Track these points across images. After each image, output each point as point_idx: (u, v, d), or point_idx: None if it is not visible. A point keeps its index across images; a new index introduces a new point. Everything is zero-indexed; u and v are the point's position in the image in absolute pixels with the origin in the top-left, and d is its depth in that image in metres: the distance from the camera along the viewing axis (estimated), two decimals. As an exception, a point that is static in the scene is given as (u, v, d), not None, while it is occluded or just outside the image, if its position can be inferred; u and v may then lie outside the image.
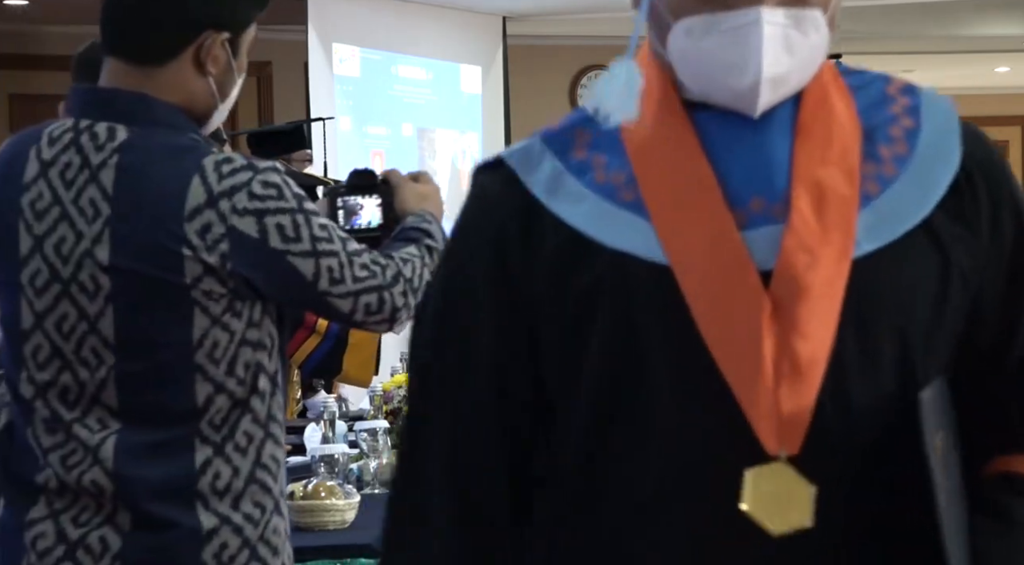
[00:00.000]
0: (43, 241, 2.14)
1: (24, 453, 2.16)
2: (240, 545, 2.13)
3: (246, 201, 2.12)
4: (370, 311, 2.25)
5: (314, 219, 2.19)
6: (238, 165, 2.14)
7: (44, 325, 2.14)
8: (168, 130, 2.17)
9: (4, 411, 2.24)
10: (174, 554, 2.10)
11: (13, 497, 2.18)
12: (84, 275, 2.12)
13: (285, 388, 2.26)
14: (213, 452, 2.12)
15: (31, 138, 2.21)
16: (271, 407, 2.19)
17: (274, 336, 2.21)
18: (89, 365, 2.13)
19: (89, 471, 2.11)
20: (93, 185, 2.12)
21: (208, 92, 2.24)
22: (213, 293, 2.11)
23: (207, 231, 2.09)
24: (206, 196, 2.10)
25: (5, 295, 2.19)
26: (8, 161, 2.21)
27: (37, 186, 2.15)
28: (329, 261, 2.19)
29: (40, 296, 2.14)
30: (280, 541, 2.21)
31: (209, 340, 2.12)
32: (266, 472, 2.18)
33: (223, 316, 2.13)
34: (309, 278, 2.17)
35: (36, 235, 2.14)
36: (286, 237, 2.14)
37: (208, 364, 2.12)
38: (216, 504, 2.11)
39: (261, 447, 2.17)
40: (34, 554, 2.14)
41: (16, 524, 2.16)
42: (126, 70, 2.20)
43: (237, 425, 2.15)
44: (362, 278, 2.23)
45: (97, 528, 2.12)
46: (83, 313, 2.12)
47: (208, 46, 2.21)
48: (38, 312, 2.14)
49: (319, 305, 2.23)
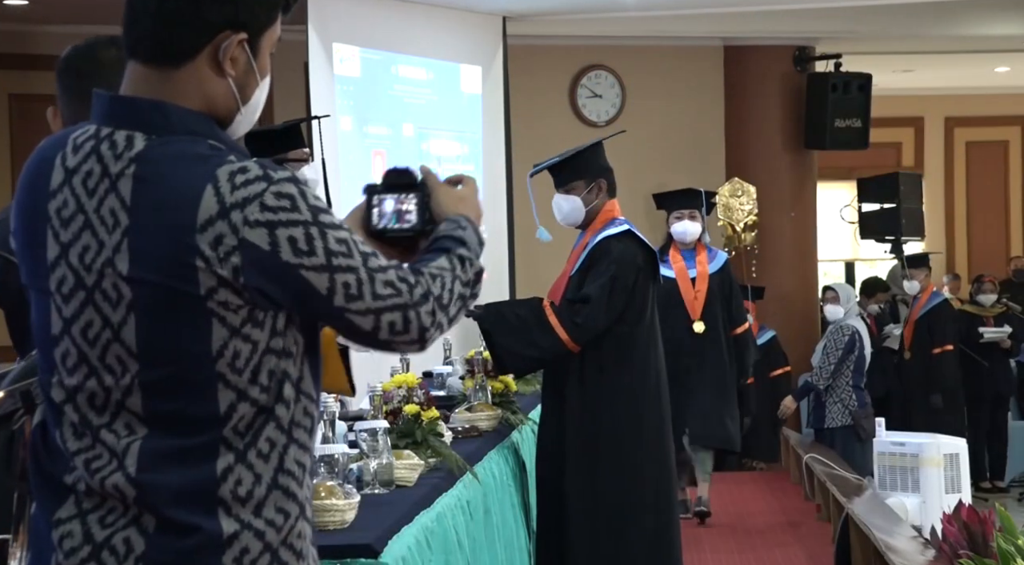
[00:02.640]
0: (68, 249, 2.14)
1: (55, 453, 2.17)
2: (262, 549, 2.12)
3: (258, 213, 2.09)
4: (395, 330, 2.20)
5: (331, 232, 2.14)
6: (252, 176, 2.11)
7: (71, 331, 2.15)
8: (186, 138, 2.15)
9: (39, 409, 2.25)
10: (196, 558, 2.10)
11: (45, 496, 2.18)
12: (107, 284, 2.12)
13: (317, 393, 2.25)
14: (235, 459, 2.12)
15: (58, 144, 2.20)
16: (295, 413, 2.18)
17: (300, 343, 2.19)
18: (114, 372, 2.13)
19: (112, 476, 2.11)
20: (113, 195, 2.12)
21: (228, 94, 2.21)
22: (230, 304, 2.10)
23: (219, 243, 2.08)
24: (218, 207, 2.08)
25: (36, 300, 2.20)
26: (36, 167, 2.21)
27: (62, 193, 2.16)
28: (346, 277, 2.15)
29: (67, 302, 2.14)
30: (305, 545, 2.21)
31: (230, 350, 2.11)
32: (290, 478, 2.17)
33: (243, 327, 2.12)
34: (323, 293, 2.13)
35: (62, 242, 2.15)
36: (298, 250, 2.11)
37: (230, 373, 2.11)
38: (238, 510, 2.11)
39: (284, 453, 2.16)
40: (61, 553, 2.14)
41: (46, 523, 2.17)
42: (145, 74, 2.19)
43: (261, 432, 2.14)
44: (384, 295, 2.18)
45: (123, 529, 2.11)
46: (107, 321, 2.12)
47: (226, 47, 2.19)
48: (66, 318, 2.15)
49: (339, 321, 2.18)
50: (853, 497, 7.78)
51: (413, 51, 10.19)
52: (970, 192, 17.64)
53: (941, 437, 9.05)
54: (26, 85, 10.62)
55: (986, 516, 5.35)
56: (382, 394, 4.58)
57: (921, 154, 17.55)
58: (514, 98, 11.37)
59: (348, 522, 3.58)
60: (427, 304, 2.22)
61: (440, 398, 5.87)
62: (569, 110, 12.78)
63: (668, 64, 12.79)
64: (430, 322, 2.23)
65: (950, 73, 15.92)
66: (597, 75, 12.82)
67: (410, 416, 4.67)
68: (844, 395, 9.93)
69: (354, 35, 9.62)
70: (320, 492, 3.55)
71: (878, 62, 13.86)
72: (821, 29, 12.70)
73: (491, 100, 10.99)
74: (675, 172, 12.19)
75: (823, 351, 10.02)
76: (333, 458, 3.65)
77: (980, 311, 12.39)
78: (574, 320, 5.90)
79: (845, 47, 13.17)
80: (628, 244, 6.05)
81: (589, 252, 6.07)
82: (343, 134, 9.37)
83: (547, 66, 12.55)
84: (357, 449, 4.19)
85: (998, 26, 12.88)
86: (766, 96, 12.78)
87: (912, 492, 8.35)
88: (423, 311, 2.21)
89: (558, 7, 11.34)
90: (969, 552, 5.25)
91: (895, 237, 13.63)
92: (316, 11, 9.21)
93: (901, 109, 16.58)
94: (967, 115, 17.47)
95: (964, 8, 11.86)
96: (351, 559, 3.40)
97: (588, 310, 5.91)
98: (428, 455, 4.58)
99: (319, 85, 9.22)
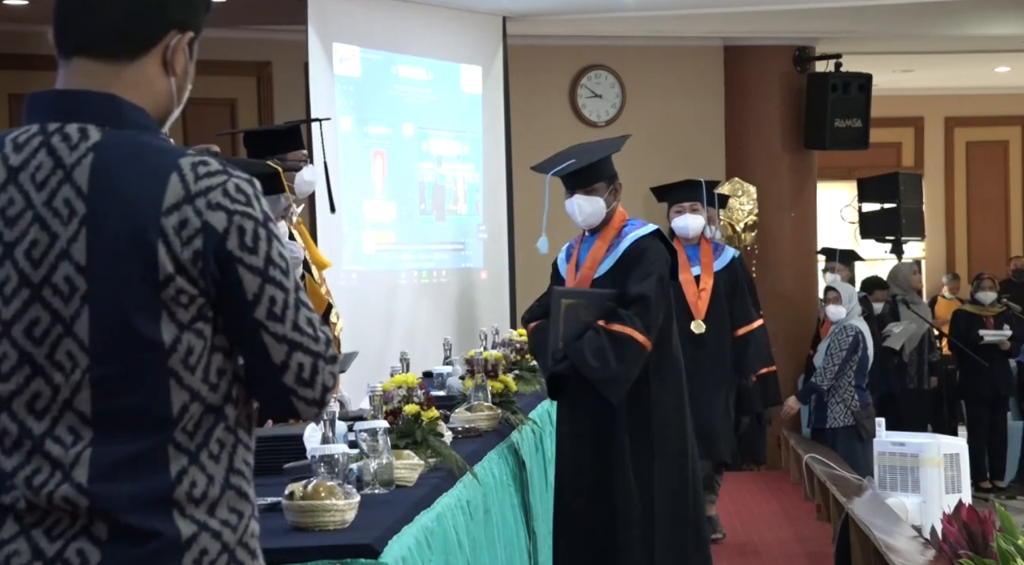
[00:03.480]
0: (14, 247, 2.10)
1: None
2: (220, 550, 2.10)
3: (220, 197, 2.09)
4: (302, 378, 2.14)
5: (275, 242, 2.13)
6: (213, 169, 2.12)
7: (11, 332, 2.10)
8: (138, 131, 2.15)
9: None
10: (155, 563, 2.07)
11: None
12: (58, 277, 2.09)
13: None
14: (188, 461, 2.09)
15: None
16: (240, 414, 2.16)
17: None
18: (63, 368, 2.09)
19: (59, 488, 2.07)
20: (67, 185, 2.10)
21: (170, 94, 2.22)
22: (183, 295, 2.08)
23: (183, 226, 2.07)
24: (184, 193, 2.08)
25: None
26: None
27: (6, 192, 2.12)
28: (275, 291, 2.12)
29: (8, 303, 2.10)
30: (257, 544, 2.20)
31: (183, 345, 2.09)
32: (241, 477, 2.15)
33: (194, 323, 2.10)
34: (249, 298, 2.10)
35: (6, 242, 2.11)
36: (244, 244, 2.10)
37: (183, 370, 2.09)
38: (193, 511, 2.09)
39: (234, 452, 2.14)
40: None
41: None
42: (94, 69, 2.17)
43: (211, 432, 2.12)
44: (304, 332, 2.14)
45: (74, 540, 2.07)
46: (57, 316, 2.09)
47: (174, 46, 2.20)
48: (5, 320, 2.11)
49: (251, 337, 2.12)
50: (853, 497, 7.78)
51: (413, 51, 10.19)
52: (970, 192, 17.64)
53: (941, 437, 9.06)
54: (26, 85, 10.59)
55: (986, 516, 5.35)
56: (382, 394, 4.58)
57: (921, 154, 17.55)
58: (514, 98, 11.37)
59: (348, 522, 3.58)
60: (333, 366, 2.18)
61: (440, 398, 5.86)
62: (569, 110, 12.78)
63: (668, 64, 12.80)
64: (331, 384, 2.18)
65: (950, 73, 15.92)
66: (597, 75, 12.82)
67: (410, 416, 4.67)
68: (846, 395, 9.93)
69: (354, 35, 9.62)
70: (320, 492, 3.55)
71: (878, 62, 13.86)
72: (821, 29, 12.70)
73: (491, 100, 11.00)
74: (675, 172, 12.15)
75: (826, 351, 10.01)
76: (333, 458, 3.65)
77: (980, 310, 12.39)
78: (644, 322, 5.89)
79: (845, 47, 13.17)
80: (659, 243, 6.08)
81: (623, 253, 6.05)
82: (343, 134, 9.38)
83: (547, 66, 12.55)
84: (357, 449, 4.19)
85: (998, 26, 12.88)
86: (766, 96, 12.78)
87: (912, 492, 8.36)
88: (329, 370, 2.17)
89: (558, 7, 11.34)
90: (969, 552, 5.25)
91: (895, 237, 13.63)
92: (316, 11, 9.21)
93: (901, 109, 16.59)
94: (967, 115, 17.47)
95: (964, 8, 11.86)
96: (351, 559, 3.40)
97: (650, 308, 5.90)
98: (428, 455, 4.57)
99: (319, 85, 9.23)
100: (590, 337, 5.90)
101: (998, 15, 12.31)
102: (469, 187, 10.81)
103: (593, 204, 6.10)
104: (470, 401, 5.83)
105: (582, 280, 6.13)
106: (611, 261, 6.07)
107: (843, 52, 13.07)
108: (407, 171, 10.11)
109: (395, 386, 4.84)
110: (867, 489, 8.21)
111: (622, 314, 5.91)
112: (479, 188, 10.91)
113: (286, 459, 4.33)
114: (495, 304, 10.93)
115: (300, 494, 3.56)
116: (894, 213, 13.61)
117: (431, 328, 9.82)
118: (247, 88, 11.88)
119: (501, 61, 11.12)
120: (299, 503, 3.54)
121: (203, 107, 10.42)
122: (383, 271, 9.83)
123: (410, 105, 10.15)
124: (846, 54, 13.06)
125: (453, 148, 10.65)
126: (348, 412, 5.39)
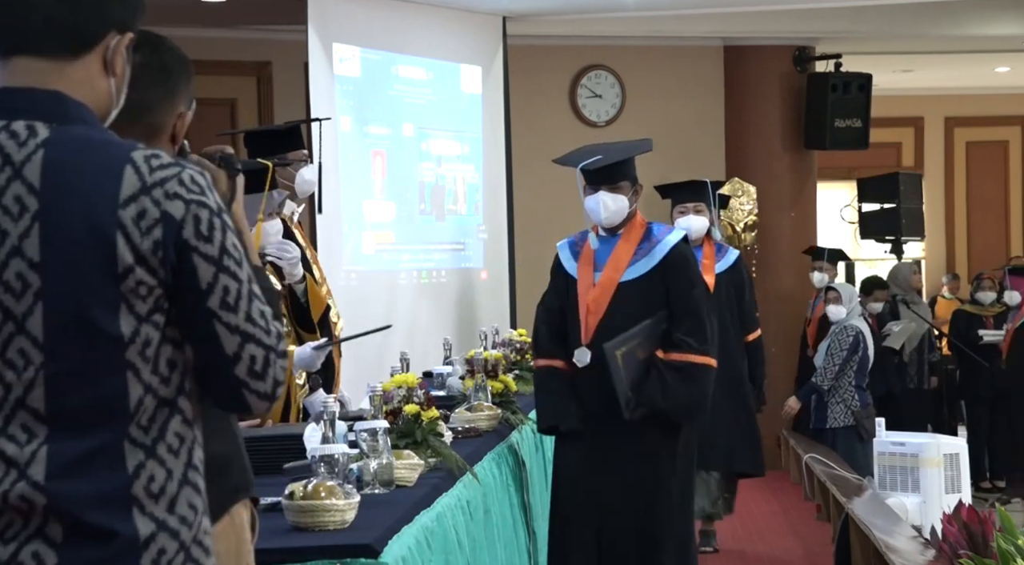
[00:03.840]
0: None
1: None
2: (177, 548, 2.09)
3: (177, 187, 2.10)
4: (254, 370, 2.13)
5: (229, 232, 2.13)
6: (165, 161, 2.12)
7: None
8: (85, 127, 2.15)
9: None
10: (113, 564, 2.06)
11: None
12: (10, 274, 2.08)
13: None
14: (145, 455, 2.08)
15: None
16: (194, 408, 2.15)
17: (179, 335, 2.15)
18: (15, 367, 2.07)
19: (14, 487, 2.05)
20: (17, 182, 2.09)
21: (110, 94, 2.23)
22: (142, 286, 2.08)
23: (142, 217, 2.07)
24: (140, 184, 2.08)
25: None
26: None
27: None
28: (229, 281, 2.12)
29: None
30: (210, 541, 2.19)
31: (141, 337, 2.09)
32: (197, 473, 2.14)
33: (153, 314, 2.09)
34: (203, 287, 2.10)
35: None
36: (199, 233, 2.10)
37: (140, 362, 2.08)
38: (152, 508, 2.07)
39: (192, 447, 2.14)
40: None
41: None
42: (37, 67, 2.17)
43: (167, 426, 2.11)
44: (257, 323, 2.14)
45: (27, 543, 2.05)
46: (8, 314, 2.08)
47: (114, 47, 2.21)
48: None
49: (203, 327, 2.11)
50: (853, 497, 7.78)
51: (413, 51, 10.19)
52: (970, 192, 17.64)
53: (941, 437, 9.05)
54: None
55: (986, 516, 5.34)
56: (382, 394, 4.58)
57: (921, 154, 17.55)
58: (514, 98, 11.37)
59: (348, 522, 3.58)
60: (285, 361, 2.18)
61: (440, 398, 5.87)
62: (569, 110, 12.78)
63: (668, 64, 12.79)
64: (282, 379, 2.17)
65: (950, 73, 15.92)
66: (597, 75, 12.81)
67: (410, 416, 4.67)
68: (847, 395, 9.92)
69: (354, 35, 9.62)
70: (320, 492, 3.55)
71: (878, 62, 13.86)
72: (821, 29, 12.70)
73: (491, 100, 11.00)
74: (675, 172, 12.16)
75: (827, 351, 10.01)
76: (333, 458, 3.65)
77: (980, 310, 12.39)
78: (698, 340, 5.82)
79: (845, 47, 13.17)
80: (691, 250, 6.12)
81: (663, 260, 5.92)
82: (343, 134, 9.38)
83: (547, 66, 12.54)
84: (357, 449, 4.19)
85: (998, 26, 12.88)
86: (766, 96, 12.78)
87: (912, 492, 8.35)
88: (281, 365, 2.17)
89: (558, 7, 11.34)
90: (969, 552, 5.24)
91: (895, 237, 13.63)
92: (316, 11, 9.21)
93: (901, 109, 16.59)
94: (967, 115, 17.47)
95: (964, 8, 11.86)
96: (351, 559, 3.40)
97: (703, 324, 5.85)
98: (428, 455, 4.58)
99: (319, 85, 9.23)
100: (653, 379, 5.78)
101: (998, 15, 12.31)
102: (469, 187, 10.81)
103: (618, 202, 5.98)
104: (470, 401, 5.83)
105: (606, 282, 5.96)
106: (645, 266, 5.94)
107: (843, 52, 13.07)
108: (407, 171, 10.11)
109: (395, 386, 4.84)
110: (867, 489, 8.20)
111: (677, 340, 5.82)
112: (479, 188, 10.91)
113: (286, 459, 4.33)
114: (495, 304, 10.93)
115: (300, 494, 3.56)
116: (894, 213, 13.61)
117: (431, 328, 9.82)
118: (247, 88, 11.88)
119: (501, 61, 11.12)
120: (299, 503, 3.54)
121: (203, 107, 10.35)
122: (383, 271, 9.83)
123: (410, 105, 10.15)
124: (846, 54, 13.05)
125: (453, 148, 10.65)
126: (348, 412, 5.39)
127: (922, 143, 17.57)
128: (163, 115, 2.78)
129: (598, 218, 6.01)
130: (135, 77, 2.60)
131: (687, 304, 5.86)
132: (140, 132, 2.82)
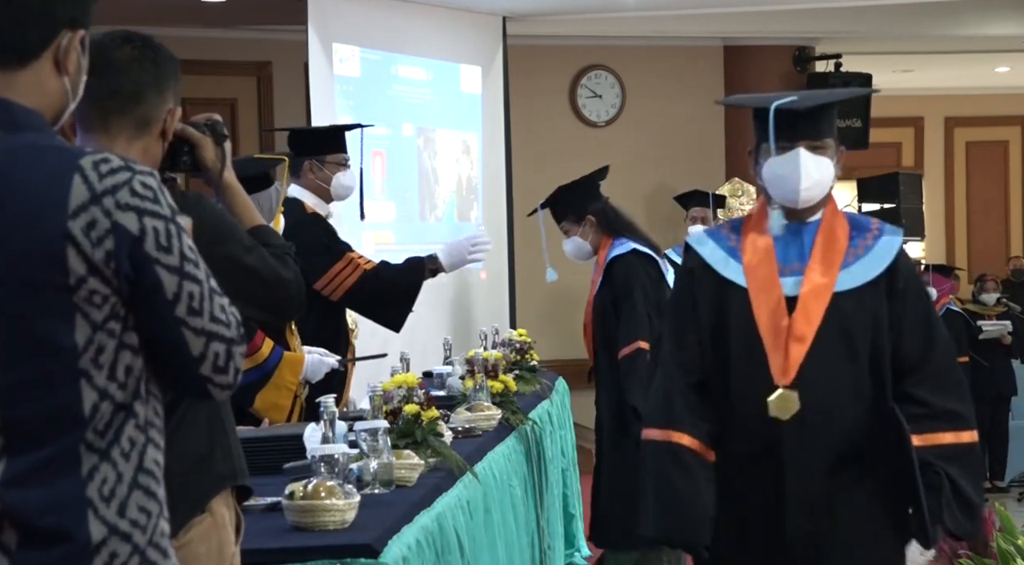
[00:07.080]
0: None
1: None
2: (130, 552, 2.08)
3: (128, 197, 2.07)
4: (217, 366, 2.15)
5: (184, 236, 2.12)
6: (116, 166, 2.09)
7: None
8: (33, 134, 2.12)
9: None
10: None
11: None
12: None
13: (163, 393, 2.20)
14: (99, 458, 2.07)
15: None
16: (149, 412, 2.14)
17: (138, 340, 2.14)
18: None
19: None
20: None
21: (63, 92, 2.20)
22: (96, 296, 2.06)
23: (92, 228, 2.04)
24: (89, 194, 2.05)
25: None
26: None
27: None
28: (192, 287, 2.12)
29: None
30: (169, 544, 2.18)
31: (94, 345, 2.07)
32: (150, 477, 2.13)
33: (108, 322, 2.08)
34: (169, 297, 2.10)
35: None
36: (160, 245, 2.09)
37: (93, 369, 2.07)
38: (104, 511, 2.06)
39: (144, 452, 2.12)
40: None
41: None
42: None
43: (121, 430, 2.09)
44: (219, 321, 2.15)
45: None
46: None
47: (66, 45, 2.18)
48: None
49: (170, 334, 2.12)
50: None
51: (413, 51, 10.18)
52: (970, 192, 17.64)
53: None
54: None
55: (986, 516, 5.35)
56: (382, 394, 4.58)
57: (921, 154, 17.55)
58: (514, 98, 11.37)
59: (348, 522, 3.58)
60: (242, 347, 2.19)
61: (440, 398, 5.86)
62: (569, 110, 12.78)
63: (668, 64, 12.79)
64: (241, 365, 2.18)
65: (950, 73, 15.92)
66: (597, 75, 12.81)
67: (410, 416, 4.67)
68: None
69: (354, 35, 9.61)
70: (320, 492, 3.55)
71: (878, 62, 13.86)
72: (821, 29, 12.70)
73: (491, 100, 10.99)
74: (675, 172, 12.19)
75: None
76: (333, 458, 3.65)
77: (982, 310, 12.40)
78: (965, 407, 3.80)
79: (845, 47, 13.17)
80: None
81: (892, 265, 3.82)
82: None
83: (547, 66, 12.55)
84: (357, 449, 4.19)
85: (998, 26, 12.88)
86: (766, 96, 12.78)
87: (912, 492, 8.34)
88: (240, 352, 2.18)
89: (558, 7, 11.34)
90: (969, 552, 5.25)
91: (895, 237, 13.62)
92: (316, 11, 9.21)
93: (901, 109, 16.58)
94: (967, 115, 17.47)
95: (964, 8, 11.86)
96: (351, 559, 3.40)
97: (962, 384, 3.88)
98: (428, 455, 4.57)
99: (319, 85, 9.23)
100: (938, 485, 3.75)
101: (998, 15, 12.31)
102: (469, 187, 10.81)
103: (822, 169, 3.84)
104: (470, 401, 5.83)
105: (819, 289, 3.93)
106: (867, 271, 3.85)
107: (843, 52, 13.07)
108: (407, 171, 10.10)
109: (395, 386, 4.83)
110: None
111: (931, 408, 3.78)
112: (479, 188, 10.91)
113: (286, 459, 4.33)
114: (495, 304, 10.92)
115: (300, 494, 3.56)
116: (894, 213, 13.61)
117: (431, 328, 9.81)
118: (247, 88, 11.88)
119: (501, 61, 11.12)
120: (299, 503, 3.54)
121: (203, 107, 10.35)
122: (383, 271, 9.81)
123: (410, 105, 10.14)
124: (846, 54, 13.06)
125: (453, 148, 10.65)
126: (348, 412, 5.39)
127: (922, 143, 17.57)
128: (153, 108, 2.85)
129: (792, 189, 3.80)
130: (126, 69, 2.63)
131: (932, 344, 3.83)
132: (130, 123, 2.85)
